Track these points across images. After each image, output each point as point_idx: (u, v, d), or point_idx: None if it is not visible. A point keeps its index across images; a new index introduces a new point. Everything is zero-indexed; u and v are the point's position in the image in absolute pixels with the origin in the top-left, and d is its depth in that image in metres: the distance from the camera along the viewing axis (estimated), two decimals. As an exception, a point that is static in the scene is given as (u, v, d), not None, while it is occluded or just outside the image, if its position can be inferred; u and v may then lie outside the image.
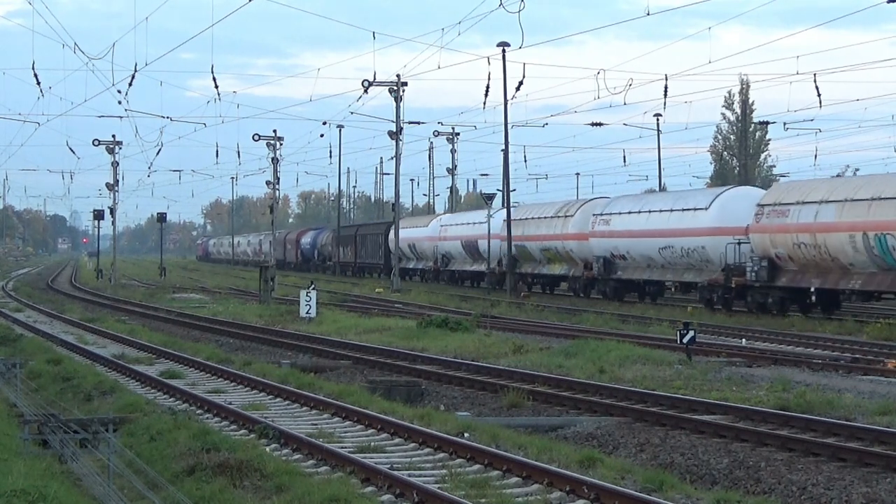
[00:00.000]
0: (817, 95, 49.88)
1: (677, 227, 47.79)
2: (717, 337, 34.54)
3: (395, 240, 72.06)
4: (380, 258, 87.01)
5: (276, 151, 74.99)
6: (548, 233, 59.23)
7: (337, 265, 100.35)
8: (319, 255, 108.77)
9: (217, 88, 51.88)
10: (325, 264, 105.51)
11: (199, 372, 25.88)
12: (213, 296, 64.31)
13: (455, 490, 13.04)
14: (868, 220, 37.48)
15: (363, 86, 62.13)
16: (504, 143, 65.27)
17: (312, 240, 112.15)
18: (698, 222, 46.76)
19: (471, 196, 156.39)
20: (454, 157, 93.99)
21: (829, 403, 19.66)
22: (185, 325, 42.22)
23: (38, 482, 11.95)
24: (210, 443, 15.08)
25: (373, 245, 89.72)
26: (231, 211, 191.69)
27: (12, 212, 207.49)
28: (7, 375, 22.91)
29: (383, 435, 17.07)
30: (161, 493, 12.63)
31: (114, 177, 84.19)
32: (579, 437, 18.38)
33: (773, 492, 14.73)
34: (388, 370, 26.74)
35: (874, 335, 34.56)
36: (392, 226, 78.57)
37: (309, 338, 34.65)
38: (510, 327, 37.90)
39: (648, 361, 25.93)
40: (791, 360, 27.29)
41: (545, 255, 60.32)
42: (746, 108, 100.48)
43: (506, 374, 24.72)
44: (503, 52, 60.84)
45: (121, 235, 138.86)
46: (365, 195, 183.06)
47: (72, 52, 48.13)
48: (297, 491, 12.66)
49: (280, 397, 21.41)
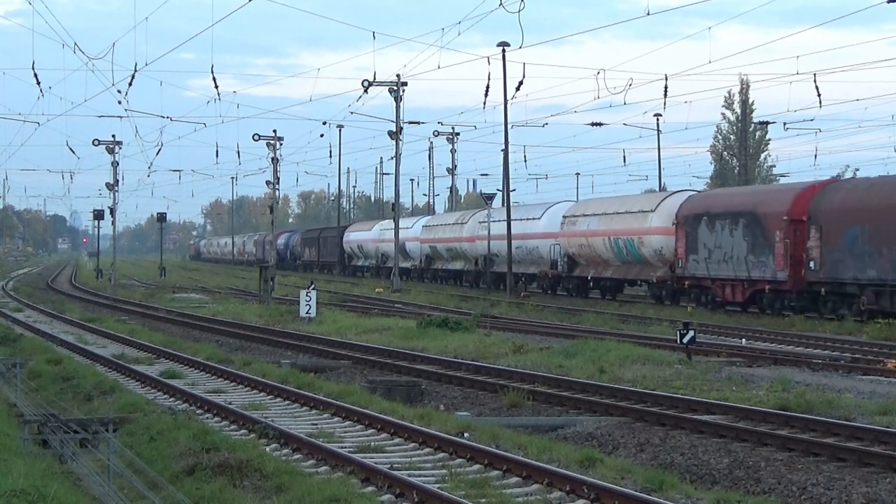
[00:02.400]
0: (817, 95, 49.91)
1: (522, 232, 63.15)
2: (717, 337, 34.55)
3: (395, 240, 72.12)
4: (336, 256, 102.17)
5: (276, 151, 75.02)
6: (451, 236, 75.01)
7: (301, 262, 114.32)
8: (291, 254, 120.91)
9: (217, 88, 51.86)
10: (295, 262, 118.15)
11: (199, 372, 25.88)
12: (213, 296, 64.32)
13: (455, 490, 13.04)
14: (613, 228, 53.68)
15: (363, 86, 62.14)
16: (504, 143, 65.32)
17: (286, 241, 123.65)
18: (535, 228, 63.35)
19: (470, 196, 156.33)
20: (454, 157, 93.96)
21: (829, 403, 19.66)
22: (185, 325, 42.22)
23: (38, 482, 11.94)
24: (210, 443, 15.07)
25: (332, 245, 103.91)
26: (231, 211, 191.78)
27: (12, 212, 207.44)
28: (7, 375, 22.90)
29: (383, 435, 17.07)
30: (161, 493, 12.63)
31: (114, 177, 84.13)
32: (579, 437, 18.37)
33: (773, 492, 14.73)
34: (388, 370, 26.74)
35: (874, 335, 34.58)
36: (346, 228, 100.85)
37: (309, 338, 34.64)
38: (510, 327, 37.91)
39: (648, 361, 25.93)
40: (791, 360, 27.30)
41: (449, 253, 75.98)
42: (746, 108, 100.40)
43: (506, 374, 24.71)
44: (503, 52, 60.86)
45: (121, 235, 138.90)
46: (365, 195, 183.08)
47: (72, 52, 48.09)
48: (297, 491, 12.66)
49: (280, 397, 21.40)
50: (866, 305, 37.60)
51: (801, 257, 40.64)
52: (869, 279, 37.63)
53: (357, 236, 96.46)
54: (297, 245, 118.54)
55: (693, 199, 49.93)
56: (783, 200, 42.67)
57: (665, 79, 52.10)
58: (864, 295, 37.82)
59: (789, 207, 41.79)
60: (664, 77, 52.11)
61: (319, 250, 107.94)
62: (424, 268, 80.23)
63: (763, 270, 42.74)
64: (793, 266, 40.87)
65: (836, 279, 39.00)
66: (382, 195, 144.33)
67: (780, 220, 41.88)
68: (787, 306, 41.56)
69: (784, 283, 41.53)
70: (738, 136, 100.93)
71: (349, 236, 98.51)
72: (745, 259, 43.69)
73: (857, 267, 38.10)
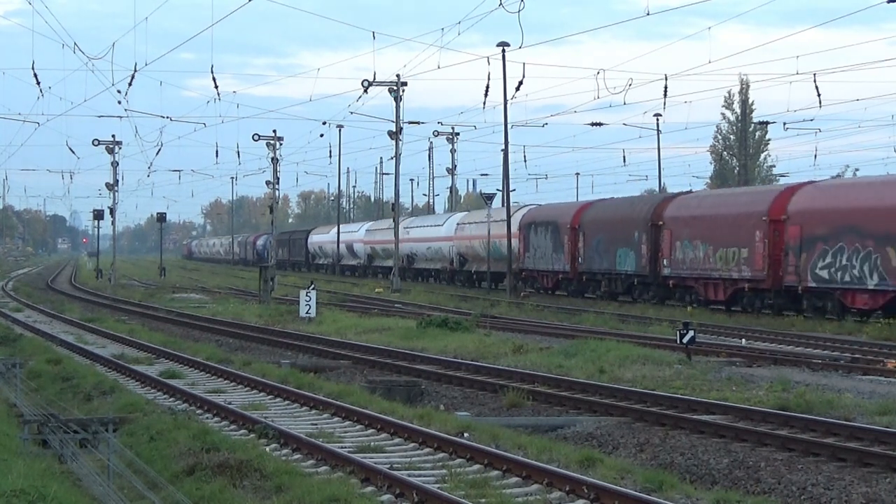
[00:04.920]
0: (817, 95, 49.96)
1: (432, 236, 79.75)
2: (717, 337, 34.56)
3: (395, 241, 72.27)
4: (302, 256, 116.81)
5: (276, 151, 74.92)
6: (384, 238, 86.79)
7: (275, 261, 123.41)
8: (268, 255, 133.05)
9: (217, 88, 51.90)
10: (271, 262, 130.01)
11: (199, 372, 25.87)
12: (213, 296, 64.33)
13: (455, 490, 13.03)
14: (485, 233, 66.95)
15: (363, 86, 62.15)
16: (504, 143, 65.31)
17: (264, 242, 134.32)
18: (439, 233, 78.72)
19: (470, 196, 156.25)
20: (454, 157, 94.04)
21: (828, 403, 19.66)
22: (185, 325, 42.21)
23: (37, 482, 11.93)
24: (210, 443, 15.07)
25: (299, 247, 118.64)
26: (231, 211, 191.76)
27: (12, 212, 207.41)
28: (7, 375, 22.89)
29: (383, 435, 17.07)
30: (161, 493, 12.63)
31: (113, 177, 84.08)
32: (579, 437, 18.37)
33: (772, 492, 14.73)
34: (388, 370, 26.74)
35: (874, 335, 34.60)
36: (310, 232, 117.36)
37: (309, 338, 34.64)
38: (510, 327, 37.91)
39: (648, 361, 25.92)
40: (791, 360, 27.30)
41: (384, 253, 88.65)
42: (746, 108, 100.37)
43: (505, 374, 24.71)
44: (503, 52, 60.83)
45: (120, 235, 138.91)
46: (365, 195, 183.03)
47: (71, 52, 48.14)
48: (297, 491, 12.65)
49: (280, 397, 21.40)
50: (604, 288, 54.60)
51: (574, 254, 56.99)
52: (604, 270, 54.16)
53: (317, 238, 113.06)
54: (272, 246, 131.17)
55: (530, 211, 65.89)
56: (570, 213, 58.83)
57: (665, 79, 52.21)
58: (603, 280, 54.57)
59: (571, 220, 57.74)
60: (664, 77, 52.20)
61: (290, 250, 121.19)
62: (367, 265, 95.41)
63: (560, 264, 58.61)
64: (572, 262, 57.34)
65: (590, 270, 55.81)
66: (382, 195, 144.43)
67: (567, 228, 57.70)
68: (569, 290, 58.07)
69: (569, 273, 57.95)
70: (738, 136, 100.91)
71: (312, 238, 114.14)
72: (551, 256, 59.60)
73: (600, 261, 54.56)
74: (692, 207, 48.88)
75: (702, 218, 47.12)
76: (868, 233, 38.12)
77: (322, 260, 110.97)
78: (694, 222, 47.51)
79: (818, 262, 40.17)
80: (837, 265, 39.42)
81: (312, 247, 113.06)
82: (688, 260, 47.46)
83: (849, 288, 39.13)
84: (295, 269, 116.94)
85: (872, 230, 37.98)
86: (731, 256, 44.54)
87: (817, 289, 40.42)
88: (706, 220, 46.69)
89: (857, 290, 38.79)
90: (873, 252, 37.93)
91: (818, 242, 40.17)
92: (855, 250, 38.65)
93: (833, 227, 39.60)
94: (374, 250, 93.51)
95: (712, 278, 45.87)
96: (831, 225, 39.76)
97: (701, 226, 46.76)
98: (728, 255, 44.68)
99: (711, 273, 45.85)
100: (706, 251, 46.06)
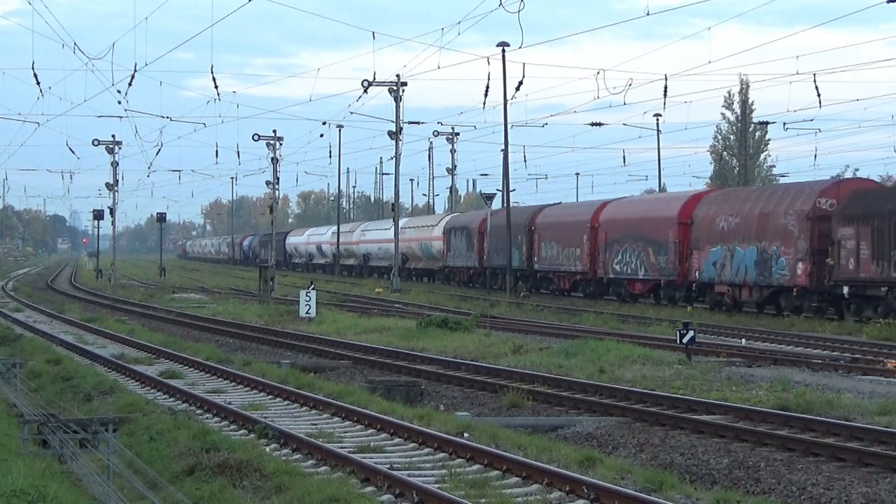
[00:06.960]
0: (817, 95, 49.93)
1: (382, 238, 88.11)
2: (717, 337, 34.56)
3: (395, 241, 72.33)
4: (281, 255, 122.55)
5: (276, 151, 74.92)
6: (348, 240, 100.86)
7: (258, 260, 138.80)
8: (252, 253, 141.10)
9: (216, 88, 51.89)
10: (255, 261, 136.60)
11: (199, 372, 25.87)
12: (213, 296, 64.34)
13: (455, 490, 13.03)
14: (418, 237, 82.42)
15: (363, 86, 62.19)
16: (504, 143, 65.39)
17: (249, 243, 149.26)
18: (386, 235, 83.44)
19: (470, 196, 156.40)
20: (454, 157, 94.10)
21: (828, 403, 19.65)
22: (185, 325, 42.20)
23: (37, 482, 11.93)
24: (210, 443, 15.06)
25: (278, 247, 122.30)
26: (231, 211, 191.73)
27: (12, 212, 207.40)
28: (7, 375, 22.88)
29: (383, 435, 17.06)
30: (161, 493, 12.63)
31: (113, 177, 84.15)
32: (579, 437, 18.37)
33: (772, 492, 14.73)
34: (388, 370, 26.74)
35: (874, 335, 34.60)
36: (287, 234, 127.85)
37: (308, 338, 34.64)
38: (510, 327, 37.92)
39: (648, 361, 25.93)
40: (791, 360, 27.30)
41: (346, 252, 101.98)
42: (746, 108, 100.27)
43: (505, 374, 24.71)
44: (503, 52, 60.90)
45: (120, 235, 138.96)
46: (365, 195, 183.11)
47: (71, 52, 48.13)
48: (297, 491, 12.65)
49: (280, 397, 21.40)
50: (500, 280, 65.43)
51: (481, 253, 69.19)
52: (501, 265, 64.82)
53: (293, 240, 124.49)
54: (256, 246, 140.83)
55: (452, 218, 78.47)
56: (477, 220, 70.89)
57: (665, 79, 52.15)
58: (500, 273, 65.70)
59: (478, 225, 69.85)
60: (664, 77, 52.17)
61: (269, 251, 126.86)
62: (333, 263, 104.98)
63: (472, 261, 70.99)
64: (479, 258, 69.74)
65: (492, 265, 66.85)
66: (382, 195, 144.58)
67: (476, 231, 70.18)
68: (475, 283, 70.56)
69: (476, 269, 70.91)
70: (738, 136, 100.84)
71: (289, 240, 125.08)
72: (465, 254, 72.20)
73: (498, 259, 65.57)
74: (550, 216, 62.84)
75: (555, 224, 60.77)
76: (640, 237, 51.50)
77: (296, 259, 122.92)
78: (550, 227, 61.18)
79: (614, 259, 53.79)
80: (625, 261, 53.02)
81: (289, 248, 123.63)
82: (548, 257, 60.93)
83: (630, 278, 52.72)
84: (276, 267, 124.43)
85: (642, 235, 51.27)
86: (570, 254, 58.21)
87: (615, 279, 54.23)
88: (557, 225, 60.39)
89: (634, 279, 52.50)
90: (642, 252, 51.34)
91: (615, 244, 53.83)
92: (633, 250, 52.14)
93: (622, 233, 53.30)
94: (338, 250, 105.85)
95: (560, 271, 59.61)
96: (622, 231, 53.44)
97: (554, 230, 60.40)
98: (569, 253, 58.30)
99: (559, 267, 59.62)
100: (558, 250, 59.58)
